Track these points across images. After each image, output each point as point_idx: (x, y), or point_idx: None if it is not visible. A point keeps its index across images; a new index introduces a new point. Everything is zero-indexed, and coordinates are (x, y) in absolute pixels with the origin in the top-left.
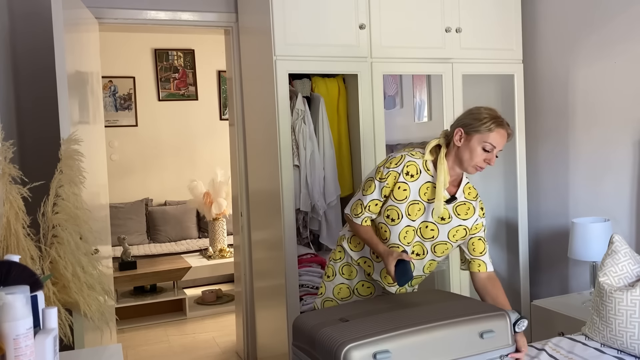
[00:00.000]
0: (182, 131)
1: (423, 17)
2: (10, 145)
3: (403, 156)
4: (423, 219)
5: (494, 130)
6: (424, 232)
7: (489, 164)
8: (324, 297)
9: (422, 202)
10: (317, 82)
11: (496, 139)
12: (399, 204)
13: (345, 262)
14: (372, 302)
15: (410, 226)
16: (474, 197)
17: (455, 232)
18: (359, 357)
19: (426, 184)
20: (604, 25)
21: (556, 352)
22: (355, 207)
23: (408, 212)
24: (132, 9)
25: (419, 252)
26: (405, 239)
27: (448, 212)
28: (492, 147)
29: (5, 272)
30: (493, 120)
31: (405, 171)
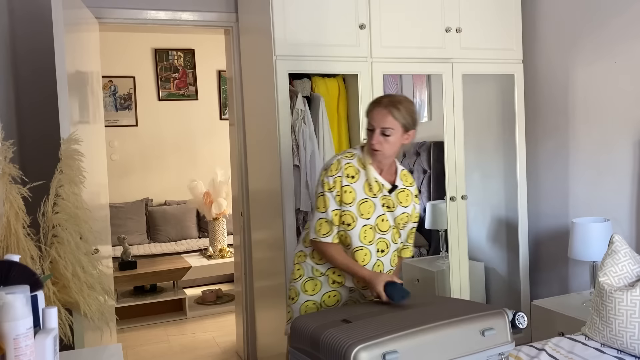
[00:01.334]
0: (182, 131)
1: (423, 17)
2: (10, 145)
3: (339, 160)
4: (376, 214)
5: (370, 111)
6: (381, 226)
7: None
8: (292, 321)
9: (370, 198)
10: (317, 82)
11: (372, 117)
12: (349, 207)
13: (306, 278)
14: (370, 305)
15: (367, 225)
16: (410, 183)
17: (400, 219)
18: (368, 357)
19: (367, 181)
20: (604, 25)
21: (556, 352)
22: (321, 227)
23: (360, 212)
24: (132, 9)
25: (383, 248)
26: (366, 238)
27: (392, 201)
28: (372, 126)
29: (5, 271)
30: (372, 102)
31: (346, 174)
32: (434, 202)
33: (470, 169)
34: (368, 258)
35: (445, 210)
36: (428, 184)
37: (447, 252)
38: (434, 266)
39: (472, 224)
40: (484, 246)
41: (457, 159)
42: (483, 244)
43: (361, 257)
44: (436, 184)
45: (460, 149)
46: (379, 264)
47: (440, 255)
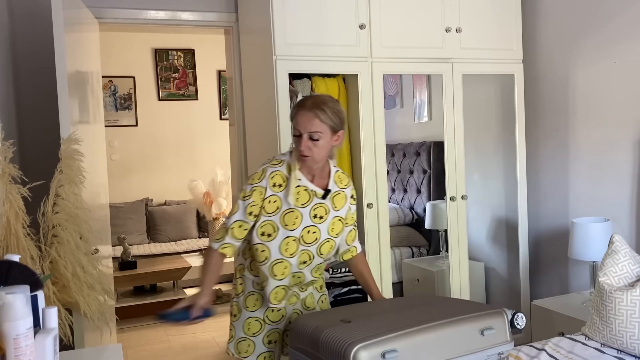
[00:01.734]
0: (182, 131)
1: (423, 17)
2: (10, 145)
3: (264, 169)
4: (302, 225)
5: (295, 115)
6: (307, 237)
7: (303, 150)
8: (235, 339)
9: (297, 208)
10: (317, 82)
11: (299, 121)
12: (271, 216)
13: (248, 293)
14: (369, 305)
15: (290, 237)
16: (345, 185)
17: (333, 225)
18: (368, 356)
19: (296, 189)
20: (604, 25)
21: (556, 352)
22: (218, 231)
23: (284, 222)
24: (132, 9)
25: (305, 260)
26: (288, 250)
27: (325, 208)
28: (298, 132)
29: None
30: (297, 105)
31: (272, 183)
32: (434, 202)
33: (470, 169)
34: (288, 271)
35: (445, 210)
36: (428, 184)
37: (447, 252)
38: (434, 266)
39: (472, 224)
40: (484, 246)
41: (457, 159)
42: (483, 244)
43: (280, 270)
44: (436, 184)
45: (460, 149)
46: (299, 275)
47: (440, 255)
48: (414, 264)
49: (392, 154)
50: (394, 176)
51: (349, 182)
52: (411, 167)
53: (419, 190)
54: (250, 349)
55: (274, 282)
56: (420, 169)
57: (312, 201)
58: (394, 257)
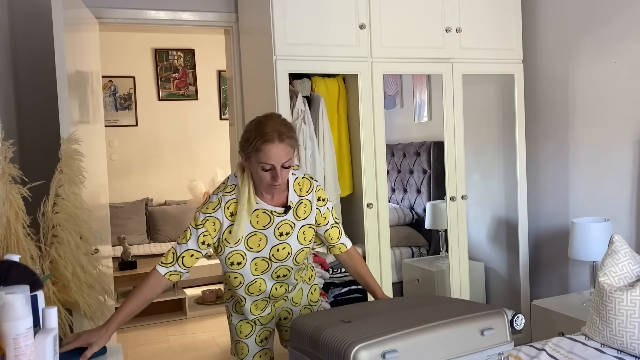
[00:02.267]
0: (182, 131)
1: (423, 17)
2: (10, 145)
3: (220, 199)
4: (269, 246)
5: (262, 149)
6: (278, 255)
7: (280, 182)
8: (234, 341)
9: (259, 231)
10: (317, 82)
11: (270, 156)
12: (236, 246)
13: (236, 300)
14: (369, 305)
15: (258, 257)
16: (307, 190)
17: (304, 234)
18: (368, 357)
19: (255, 213)
20: (604, 25)
21: (556, 352)
22: (168, 255)
23: (249, 246)
24: (132, 9)
25: (285, 273)
26: (258, 269)
27: (289, 223)
28: (270, 166)
29: (5, 271)
30: (259, 138)
31: (228, 213)
32: (434, 202)
33: (470, 169)
34: (264, 287)
35: (445, 210)
36: (428, 184)
37: (447, 252)
38: (434, 266)
39: (472, 224)
40: (484, 246)
41: (457, 159)
42: (483, 244)
43: (257, 288)
44: (436, 184)
45: (460, 149)
46: (281, 284)
47: (440, 255)
48: (414, 264)
49: (392, 154)
50: (394, 176)
51: (311, 185)
52: (411, 167)
53: (419, 190)
54: (244, 351)
55: (251, 299)
56: (420, 169)
57: (273, 221)
58: (394, 257)
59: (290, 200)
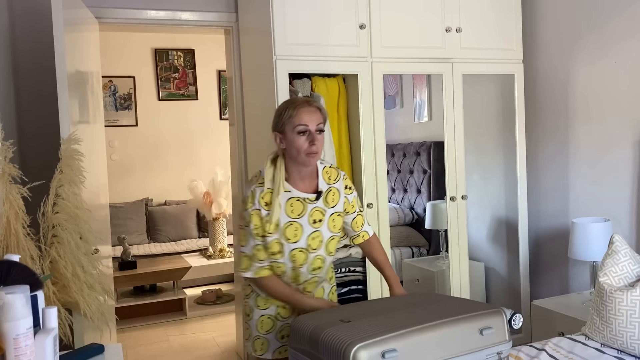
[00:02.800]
0: (182, 131)
1: (423, 17)
2: (10, 145)
3: (253, 192)
4: (305, 235)
5: (295, 114)
6: (312, 244)
7: (314, 145)
8: (252, 338)
9: (294, 220)
10: (317, 82)
11: (303, 118)
12: (274, 235)
13: (257, 293)
14: (369, 305)
15: (296, 248)
16: (335, 178)
17: (333, 222)
18: (367, 356)
19: (288, 202)
20: (604, 25)
21: (556, 352)
22: (242, 262)
23: (286, 236)
24: (132, 9)
25: (319, 265)
26: (297, 262)
27: (321, 210)
28: (304, 127)
29: (5, 271)
30: (290, 106)
31: (263, 203)
32: (434, 202)
33: (470, 169)
34: (300, 279)
35: (445, 210)
36: (428, 184)
37: (447, 252)
38: (434, 266)
39: (472, 224)
40: (484, 246)
41: (457, 159)
42: (483, 244)
43: (293, 277)
44: (436, 184)
45: (460, 149)
46: (315, 279)
47: (440, 255)
48: (414, 264)
49: (392, 154)
50: (394, 176)
51: (338, 174)
52: (411, 167)
53: (419, 190)
54: (264, 347)
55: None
56: (420, 169)
57: (307, 209)
58: (394, 257)
59: (320, 187)
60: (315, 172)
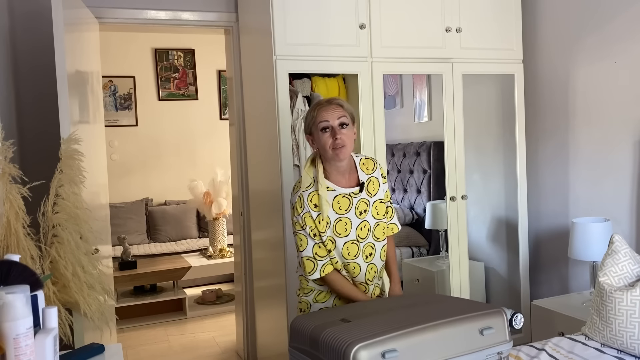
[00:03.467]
0: (182, 131)
1: (423, 17)
2: (11, 145)
3: (301, 196)
4: (354, 227)
5: (318, 112)
6: (361, 234)
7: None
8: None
9: (342, 216)
10: (317, 82)
11: (324, 115)
12: (326, 233)
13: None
14: (369, 304)
15: (348, 241)
16: (373, 167)
17: (376, 209)
18: (368, 356)
19: (335, 199)
20: (604, 25)
21: (556, 352)
22: (306, 265)
23: (337, 232)
24: (132, 9)
25: (371, 252)
26: (350, 254)
27: (365, 201)
28: (326, 122)
29: (5, 271)
30: (313, 108)
31: (313, 205)
32: (434, 202)
33: (470, 169)
34: (357, 270)
35: (445, 210)
36: (428, 184)
37: (447, 252)
38: (434, 266)
39: (472, 224)
40: (484, 246)
41: (457, 159)
42: (483, 244)
43: (351, 270)
44: (436, 184)
45: (460, 149)
46: (371, 267)
47: (440, 255)
48: (414, 264)
49: (392, 154)
50: (394, 176)
51: (375, 164)
52: (411, 167)
53: (419, 190)
54: None
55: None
56: (420, 169)
57: (352, 203)
58: None
59: (361, 179)
60: (354, 165)
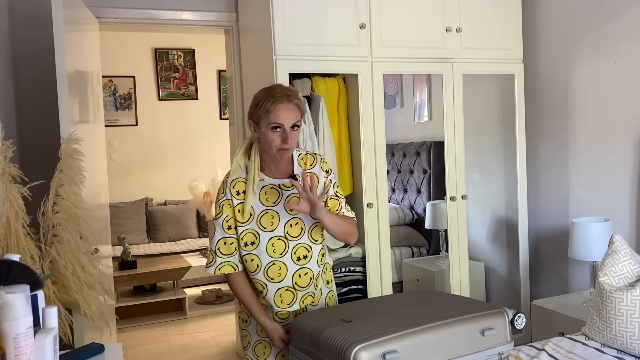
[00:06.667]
0: (182, 131)
1: (423, 17)
2: (10, 145)
3: (224, 181)
4: (282, 222)
5: (272, 109)
6: (292, 232)
7: (287, 143)
8: (251, 344)
9: (270, 208)
10: (317, 82)
11: (280, 115)
12: (248, 225)
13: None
14: (370, 303)
15: (274, 237)
16: (312, 163)
17: None
18: (368, 357)
19: (263, 190)
20: (604, 25)
21: (556, 352)
22: (208, 256)
23: (262, 226)
24: (132, 9)
25: (305, 254)
26: (276, 251)
27: (298, 197)
28: (279, 126)
29: (5, 271)
30: (269, 99)
31: (235, 192)
32: (434, 202)
33: (470, 169)
34: (284, 272)
35: (445, 210)
36: (428, 184)
37: (447, 252)
38: (434, 266)
39: (472, 224)
40: (484, 246)
41: (457, 159)
42: (483, 244)
43: (275, 272)
44: (436, 184)
45: (460, 149)
46: (305, 271)
47: (440, 255)
48: (414, 264)
49: (392, 153)
50: (394, 176)
51: (315, 159)
52: (411, 167)
53: (419, 190)
54: (267, 351)
55: (273, 286)
56: (420, 168)
57: (282, 195)
58: (394, 257)
59: (296, 172)
60: (290, 158)
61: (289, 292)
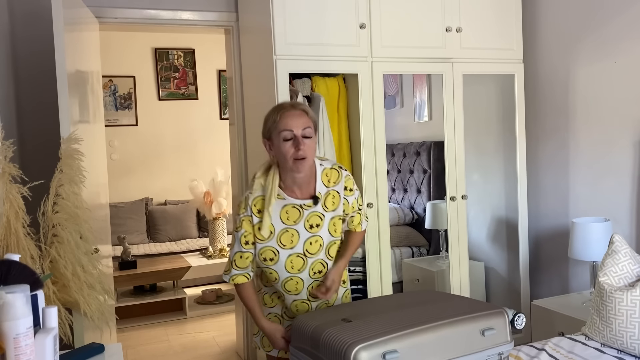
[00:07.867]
0: (182, 130)
1: (423, 17)
2: (11, 145)
3: (246, 197)
4: (301, 240)
5: (279, 118)
6: (311, 249)
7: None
8: (260, 334)
9: (290, 227)
10: (317, 82)
11: (289, 122)
12: (268, 242)
13: (264, 292)
14: (371, 303)
15: (293, 254)
16: (335, 181)
17: (334, 226)
18: (368, 357)
19: (284, 209)
20: (604, 25)
21: (556, 352)
22: (226, 264)
23: (282, 243)
24: (133, 8)
25: (320, 269)
26: (294, 267)
27: (319, 215)
28: (289, 132)
29: (5, 271)
30: (276, 111)
31: (256, 211)
32: (434, 202)
33: (470, 169)
34: (301, 286)
35: (445, 210)
36: (428, 184)
37: (447, 252)
38: (434, 266)
39: (472, 224)
40: (484, 246)
41: (457, 159)
42: (483, 244)
43: (293, 286)
44: (436, 184)
45: (460, 149)
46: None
47: (440, 255)
48: (414, 264)
49: (392, 153)
50: (394, 176)
51: (340, 175)
52: (411, 166)
53: (419, 190)
54: None
55: (290, 297)
56: (421, 168)
57: (303, 215)
58: (394, 256)
59: (318, 191)
60: (314, 175)
61: (304, 304)
